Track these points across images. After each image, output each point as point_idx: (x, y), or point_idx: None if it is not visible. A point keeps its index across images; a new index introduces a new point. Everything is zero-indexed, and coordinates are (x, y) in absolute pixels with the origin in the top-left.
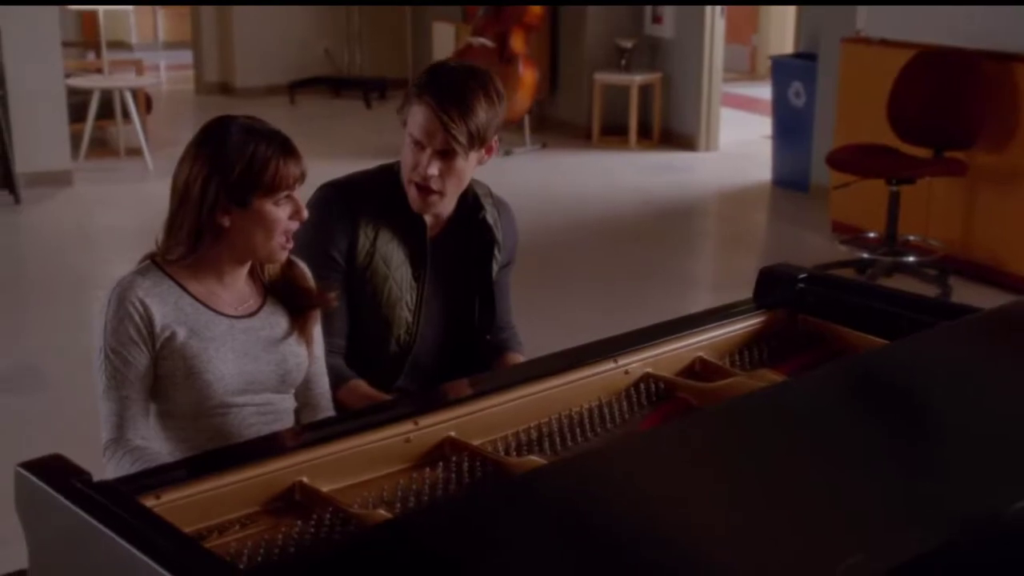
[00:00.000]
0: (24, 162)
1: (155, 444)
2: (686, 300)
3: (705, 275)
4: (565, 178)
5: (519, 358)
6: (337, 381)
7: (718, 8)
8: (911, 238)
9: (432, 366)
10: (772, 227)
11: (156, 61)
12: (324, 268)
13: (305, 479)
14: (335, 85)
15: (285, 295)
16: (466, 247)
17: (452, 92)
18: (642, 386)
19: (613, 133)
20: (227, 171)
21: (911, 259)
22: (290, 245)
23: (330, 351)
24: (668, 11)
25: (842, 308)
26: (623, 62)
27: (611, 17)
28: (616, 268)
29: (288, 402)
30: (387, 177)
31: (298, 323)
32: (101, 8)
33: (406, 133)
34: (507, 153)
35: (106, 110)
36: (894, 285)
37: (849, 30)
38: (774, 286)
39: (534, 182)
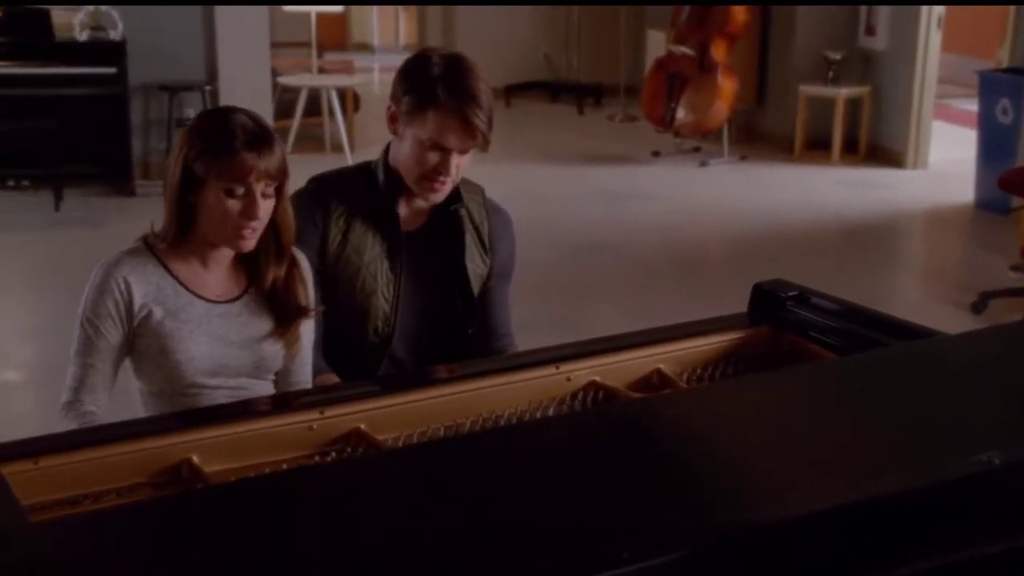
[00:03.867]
0: None
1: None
2: None
3: (870, 295)
4: (761, 192)
5: None
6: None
7: (934, 19)
8: None
9: (413, 357)
10: (958, 250)
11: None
12: None
13: (194, 457)
14: (552, 89)
15: (274, 298)
16: (443, 239)
17: (466, 92)
18: (581, 394)
19: (818, 147)
20: (192, 147)
21: None
22: (251, 236)
23: None
24: (881, 22)
25: (823, 329)
26: (831, 74)
27: (822, 28)
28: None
29: (265, 387)
30: (364, 173)
31: (281, 328)
32: (313, 10)
33: (413, 137)
34: (703, 164)
35: (314, 107)
36: None
37: None
38: (765, 303)
39: (729, 194)
